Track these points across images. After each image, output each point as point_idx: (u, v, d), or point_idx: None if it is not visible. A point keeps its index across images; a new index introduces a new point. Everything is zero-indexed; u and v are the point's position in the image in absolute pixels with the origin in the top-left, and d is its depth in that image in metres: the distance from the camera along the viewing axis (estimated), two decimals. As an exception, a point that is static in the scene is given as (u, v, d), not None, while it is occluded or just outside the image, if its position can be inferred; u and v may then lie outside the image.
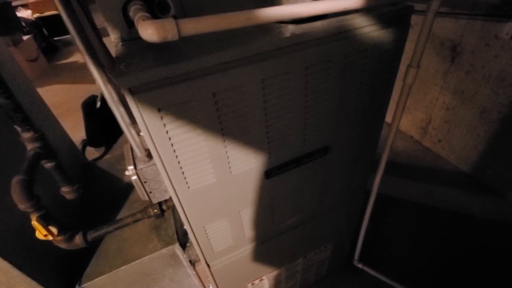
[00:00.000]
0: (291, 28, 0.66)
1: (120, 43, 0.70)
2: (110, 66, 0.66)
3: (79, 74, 4.61)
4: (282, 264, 1.22)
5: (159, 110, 0.57)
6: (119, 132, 3.14)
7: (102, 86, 0.58)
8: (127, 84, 0.53)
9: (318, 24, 0.67)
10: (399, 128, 2.43)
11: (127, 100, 0.55)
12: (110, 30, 0.70)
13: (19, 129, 0.75)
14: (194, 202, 0.77)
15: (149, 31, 0.49)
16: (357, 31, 0.69)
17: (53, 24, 5.66)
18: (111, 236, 1.18)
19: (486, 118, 1.85)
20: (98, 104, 2.94)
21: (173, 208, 0.98)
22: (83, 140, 2.74)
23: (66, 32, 0.70)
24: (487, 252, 1.59)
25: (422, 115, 2.30)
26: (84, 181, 1.48)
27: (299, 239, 1.15)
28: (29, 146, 0.77)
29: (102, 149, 2.89)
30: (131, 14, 0.68)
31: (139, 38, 0.71)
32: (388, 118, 0.91)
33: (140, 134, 0.64)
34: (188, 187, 0.72)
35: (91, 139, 3.00)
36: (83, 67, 4.90)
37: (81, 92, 3.81)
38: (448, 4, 1.77)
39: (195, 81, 0.57)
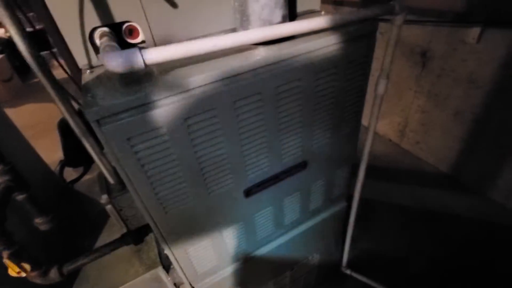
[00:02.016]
0: (260, 50, 0.67)
1: (88, 70, 0.69)
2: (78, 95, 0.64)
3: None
4: (269, 279, 1.21)
5: (128, 139, 0.56)
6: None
7: (68, 118, 0.57)
8: (93, 116, 0.52)
9: (286, 44, 0.68)
10: (378, 132, 2.49)
11: (96, 131, 0.54)
12: (77, 58, 0.69)
13: (-15, 162, 0.71)
14: (173, 226, 0.75)
15: (113, 63, 0.49)
16: (325, 49, 0.71)
17: (27, 42, 5.50)
18: (91, 263, 1.14)
19: (460, 119, 1.93)
20: (77, 122, 2.87)
21: (137, 242, 0.95)
22: (61, 161, 2.66)
23: (41, 49, 0.68)
24: (469, 249, 1.64)
25: (398, 118, 2.36)
26: (61, 205, 1.43)
27: (284, 252, 1.14)
28: (-2, 180, 0.74)
29: (81, 169, 2.81)
30: (97, 41, 0.67)
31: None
32: (365, 121, 0.93)
33: (113, 163, 0.62)
34: (166, 212, 0.71)
35: (69, 159, 2.92)
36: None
37: (57, 111, 3.71)
38: (415, 12, 1.85)
39: (165, 108, 0.57)
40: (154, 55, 0.52)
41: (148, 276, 1.08)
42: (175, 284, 1.07)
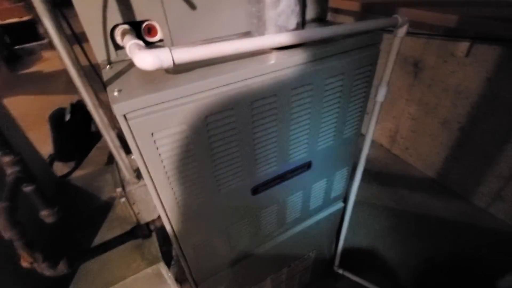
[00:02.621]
0: (277, 54, 0.71)
1: (108, 66, 0.70)
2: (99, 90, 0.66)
3: (43, 84, 4.37)
4: (268, 275, 1.24)
5: (152, 134, 0.59)
6: (90, 146, 3.02)
7: (93, 111, 0.59)
8: (122, 111, 0.54)
9: (299, 50, 0.72)
10: (371, 137, 2.57)
11: (121, 125, 0.56)
12: (97, 53, 0.71)
13: (-2, 153, 0.72)
14: (183, 220, 0.77)
15: (144, 61, 0.51)
16: (334, 56, 0.75)
17: (15, 32, 5.35)
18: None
19: (447, 128, 2.02)
20: (68, 117, 2.82)
21: (146, 235, 0.96)
22: (50, 155, 2.60)
23: (29, 40, 0.69)
24: (452, 249, 1.72)
25: (391, 125, 2.45)
26: (58, 200, 1.42)
27: (283, 249, 1.18)
28: (9, 170, 0.74)
29: (72, 164, 2.75)
30: (118, 38, 0.69)
31: (123, 60, 0.73)
32: (362, 129, 0.98)
33: (132, 157, 0.64)
34: (178, 206, 0.73)
35: (60, 154, 2.86)
36: (48, 77, 4.67)
37: (47, 103, 3.62)
38: (410, 25, 1.93)
39: (187, 105, 0.59)
40: (183, 55, 0.55)
41: (149, 271, 1.09)
42: (176, 280, 1.09)
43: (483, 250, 1.71)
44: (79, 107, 2.84)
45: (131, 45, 0.58)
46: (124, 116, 0.55)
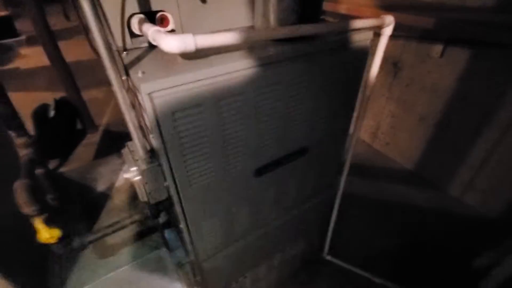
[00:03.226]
0: (281, 46, 0.78)
1: (125, 52, 0.75)
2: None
3: (21, 81, 4.21)
4: (263, 259, 1.31)
5: (173, 113, 0.64)
6: (75, 143, 2.95)
7: (118, 91, 0.63)
8: (148, 89, 0.59)
9: (305, 43, 0.79)
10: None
11: (146, 104, 0.61)
12: (114, 40, 0.75)
13: (13, 134, 0.74)
14: (193, 199, 0.83)
15: (173, 44, 0.56)
16: (332, 51, 0.84)
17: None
18: (92, 245, 1.15)
19: (424, 123, 2.19)
20: (52, 113, 2.75)
21: (155, 215, 0.99)
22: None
23: (5, 36, 0.72)
24: (428, 235, 1.87)
25: (372, 122, 2.60)
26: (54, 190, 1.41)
27: (278, 234, 1.25)
28: (22, 152, 0.76)
29: (56, 161, 2.68)
30: (135, 26, 0.74)
31: (138, 48, 0.78)
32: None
33: (152, 136, 0.69)
34: (190, 185, 0.79)
35: (44, 151, 2.77)
36: (27, 74, 4.50)
37: (26, 100, 3.50)
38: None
39: (206, 87, 0.65)
40: (204, 40, 0.61)
41: (152, 256, 1.13)
42: (178, 264, 1.13)
43: (457, 235, 1.87)
44: (63, 103, 2.78)
45: (154, 31, 0.63)
46: (149, 94, 0.60)
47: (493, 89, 1.73)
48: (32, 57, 4.94)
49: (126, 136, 0.77)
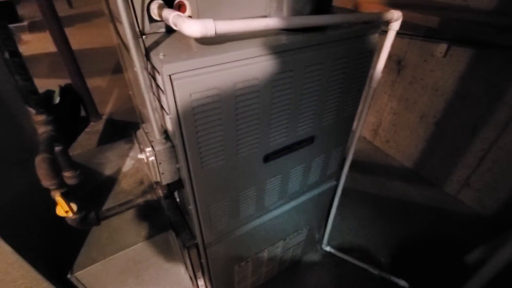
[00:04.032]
0: (296, 35, 0.81)
1: (144, 36, 0.77)
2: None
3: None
4: (265, 246, 1.35)
5: (190, 95, 0.67)
6: (78, 130, 2.98)
7: (139, 72, 0.66)
8: (169, 71, 0.62)
9: (317, 33, 0.82)
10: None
11: (165, 85, 0.64)
12: (132, 25, 0.77)
13: (33, 111, 0.77)
14: (203, 181, 0.86)
15: (195, 28, 0.59)
16: (342, 41, 0.87)
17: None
18: (100, 226, 1.19)
19: (424, 122, 2.22)
20: (57, 99, 2.77)
21: (167, 196, 1.02)
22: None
23: (7, 22, 0.74)
24: (427, 232, 1.92)
25: (373, 119, 2.64)
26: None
27: (281, 222, 1.29)
28: (41, 129, 0.79)
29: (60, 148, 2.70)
30: (155, 11, 0.76)
31: (155, 33, 0.81)
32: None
33: (169, 116, 0.72)
34: (202, 167, 0.82)
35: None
36: (29, 60, 4.49)
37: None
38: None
39: (223, 72, 0.68)
40: (223, 26, 0.64)
41: (159, 238, 1.16)
42: (184, 245, 1.16)
43: (452, 231, 1.92)
44: (68, 90, 2.79)
45: (175, 15, 0.66)
46: (170, 76, 0.63)
47: (492, 90, 1.76)
48: (34, 43, 4.93)
49: (128, 126, 0.80)
